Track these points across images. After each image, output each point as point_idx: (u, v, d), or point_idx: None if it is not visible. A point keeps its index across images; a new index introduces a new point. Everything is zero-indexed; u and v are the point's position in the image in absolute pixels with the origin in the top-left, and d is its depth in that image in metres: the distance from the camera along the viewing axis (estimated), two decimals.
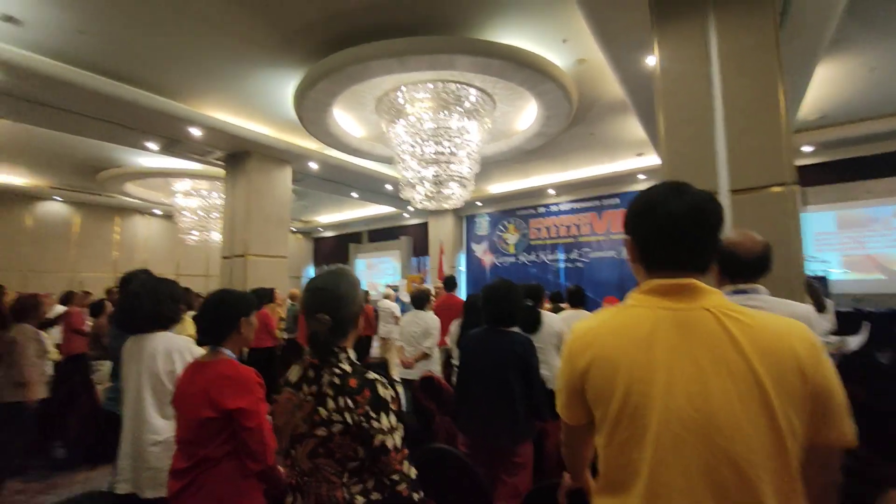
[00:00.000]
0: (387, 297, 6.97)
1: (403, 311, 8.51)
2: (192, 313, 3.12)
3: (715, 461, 0.68)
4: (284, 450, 1.17)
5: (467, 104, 4.92)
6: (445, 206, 6.03)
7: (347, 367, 1.14)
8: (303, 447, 1.11)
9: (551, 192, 9.78)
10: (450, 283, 5.16)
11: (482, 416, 2.05)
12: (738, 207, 2.32)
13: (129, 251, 11.18)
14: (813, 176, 7.03)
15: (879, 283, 6.61)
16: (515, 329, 2.17)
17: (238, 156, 6.67)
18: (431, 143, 5.06)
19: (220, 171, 7.23)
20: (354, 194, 9.69)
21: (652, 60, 2.91)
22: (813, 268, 6.75)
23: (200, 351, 1.87)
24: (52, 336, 4.34)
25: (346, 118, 5.71)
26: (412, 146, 5.14)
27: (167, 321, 1.94)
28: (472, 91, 4.86)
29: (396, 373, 4.33)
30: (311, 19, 3.86)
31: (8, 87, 4.42)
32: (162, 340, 1.86)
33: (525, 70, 4.24)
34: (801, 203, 6.77)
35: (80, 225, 10.34)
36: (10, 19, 3.68)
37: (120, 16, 3.72)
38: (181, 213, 9.12)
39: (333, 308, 1.15)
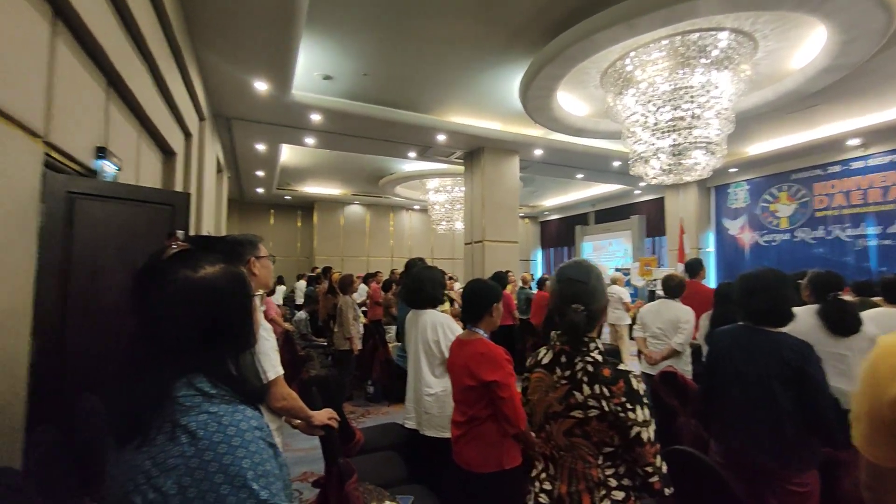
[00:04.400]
0: (615, 281, 6.64)
1: (634, 296, 7.90)
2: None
3: None
4: (538, 424, 1.32)
5: (716, 53, 4.14)
6: (687, 178, 5.27)
7: (599, 357, 1.21)
8: (558, 425, 1.24)
9: (854, 142, 7.19)
10: (694, 267, 4.50)
11: (740, 428, 1.76)
12: None
13: (400, 239, 14.12)
14: None
15: None
16: (783, 330, 1.76)
17: (474, 152, 7.51)
18: (668, 108, 4.49)
19: (461, 168, 8.29)
20: (580, 175, 9.51)
21: None
22: None
23: (456, 325, 2.33)
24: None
25: (568, 99, 5.67)
26: (643, 116, 4.69)
27: (437, 301, 2.48)
28: (722, 35, 4.05)
29: (629, 363, 4.07)
30: (530, 12, 3.99)
31: (326, 127, 6.25)
32: (430, 316, 2.39)
33: None
34: None
35: (370, 221, 13.67)
36: (327, 77, 5.19)
37: (388, 56, 4.74)
38: (432, 206, 10.92)
39: (587, 300, 1.24)
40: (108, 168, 2.34)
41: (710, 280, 9.75)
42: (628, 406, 1.13)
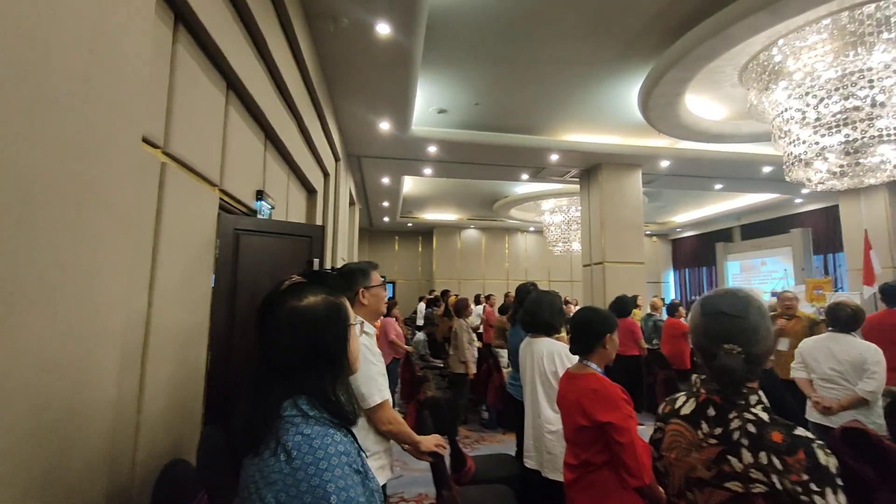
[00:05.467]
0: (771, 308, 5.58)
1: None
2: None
3: None
4: (676, 489, 1.10)
5: None
6: (870, 181, 4.26)
7: (763, 415, 0.98)
8: (706, 496, 1.01)
9: None
10: (890, 294, 3.55)
11: None
12: None
13: (516, 262, 14.03)
14: None
15: None
16: None
17: (590, 170, 7.17)
18: (836, 98, 3.71)
19: (576, 187, 7.97)
20: (718, 186, 8.37)
21: None
22: None
23: (573, 356, 2.16)
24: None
25: (699, 103, 5.09)
26: (801, 111, 3.95)
27: (553, 329, 2.36)
28: None
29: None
30: (643, 21, 3.73)
31: (441, 156, 6.59)
32: (547, 344, 2.27)
33: None
34: None
35: (486, 244, 13.90)
36: (441, 111, 5.51)
37: (498, 85, 4.85)
38: (548, 227, 10.65)
39: (745, 340, 1.01)
40: (265, 207, 2.80)
41: None
42: (814, 488, 0.86)
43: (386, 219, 11.67)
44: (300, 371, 0.79)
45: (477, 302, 8.86)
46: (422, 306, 10.14)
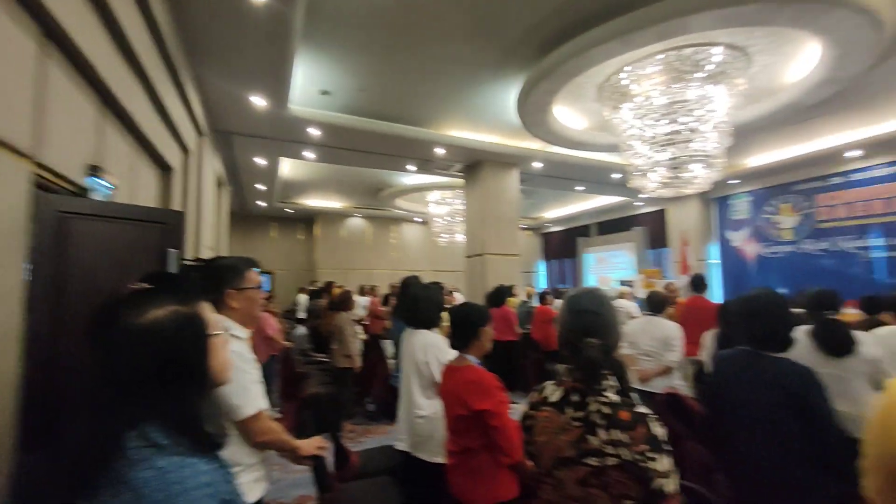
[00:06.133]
0: (622, 295, 6.59)
1: (642, 309, 7.86)
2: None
3: None
4: (546, 468, 1.20)
5: (710, 67, 4.16)
6: (686, 191, 5.25)
7: (615, 397, 1.12)
8: (571, 472, 1.13)
9: (854, 153, 7.16)
10: (698, 283, 4.47)
11: (747, 463, 1.64)
12: None
13: (402, 252, 14.12)
14: None
15: None
16: (785, 355, 1.67)
17: (473, 165, 7.53)
18: (665, 122, 4.49)
19: (461, 181, 8.31)
20: (580, 187, 9.51)
21: None
22: None
23: (448, 349, 2.27)
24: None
25: (566, 112, 5.69)
26: (641, 130, 4.69)
27: (432, 323, 2.43)
28: (716, 50, 4.07)
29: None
30: (521, 31, 4.03)
31: (324, 141, 6.28)
32: (423, 336, 2.34)
33: (791, 6, 3.28)
34: None
35: (372, 234, 13.70)
36: (324, 92, 5.24)
37: (384, 73, 4.78)
38: (433, 219, 10.94)
39: (604, 334, 1.15)
40: (101, 186, 2.35)
41: (716, 290, 9.66)
42: (649, 455, 1.03)
43: (262, 203, 10.74)
44: (146, 394, 0.67)
45: (362, 293, 8.72)
46: (303, 298, 9.61)
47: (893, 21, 3.57)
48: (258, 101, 4.79)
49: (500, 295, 5.90)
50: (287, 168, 8.49)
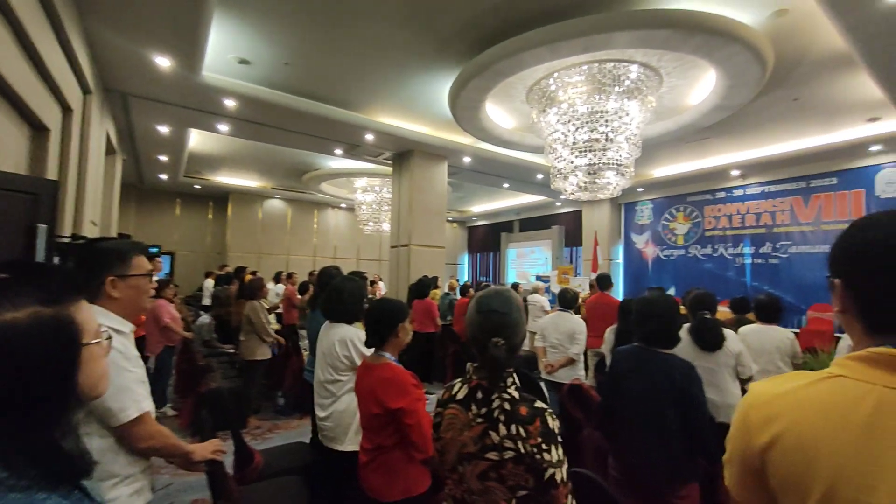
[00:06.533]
0: (536, 290, 6.94)
1: (553, 303, 8.33)
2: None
3: None
4: (451, 464, 1.22)
5: (627, 83, 4.48)
6: (600, 196, 5.66)
7: (515, 394, 1.16)
8: (472, 467, 1.15)
9: (735, 173, 8.25)
10: (603, 281, 4.85)
11: (634, 446, 1.87)
12: None
13: (325, 238, 13.53)
14: None
15: None
16: (672, 352, 1.92)
17: (403, 155, 7.42)
18: (585, 129, 4.77)
19: (389, 170, 8.15)
20: (506, 185, 9.82)
21: None
22: None
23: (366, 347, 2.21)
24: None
25: (496, 111, 5.81)
26: (564, 135, 4.94)
27: (354, 318, 2.33)
28: (633, 68, 4.40)
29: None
30: (461, 22, 4.01)
31: (242, 114, 5.77)
32: (343, 330, 2.25)
33: (697, 36, 3.65)
34: None
35: (292, 217, 12.95)
36: (243, 61, 4.79)
37: (312, 48, 4.49)
38: (360, 206, 10.63)
39: (509, 333, 1.17)
40: None
41: (619, 288, 10.60)
42: (544, 447, 1.08)
43: (164, 176, 9.62)
44: None
45: (277, 280, 8.24)
46: (209, 283, 8.83)
47: (771, 62, 4.13)
48: (162, 62, 4.23)
49: (423, 286, 5.92)
50: (196, 140, 7.68)
